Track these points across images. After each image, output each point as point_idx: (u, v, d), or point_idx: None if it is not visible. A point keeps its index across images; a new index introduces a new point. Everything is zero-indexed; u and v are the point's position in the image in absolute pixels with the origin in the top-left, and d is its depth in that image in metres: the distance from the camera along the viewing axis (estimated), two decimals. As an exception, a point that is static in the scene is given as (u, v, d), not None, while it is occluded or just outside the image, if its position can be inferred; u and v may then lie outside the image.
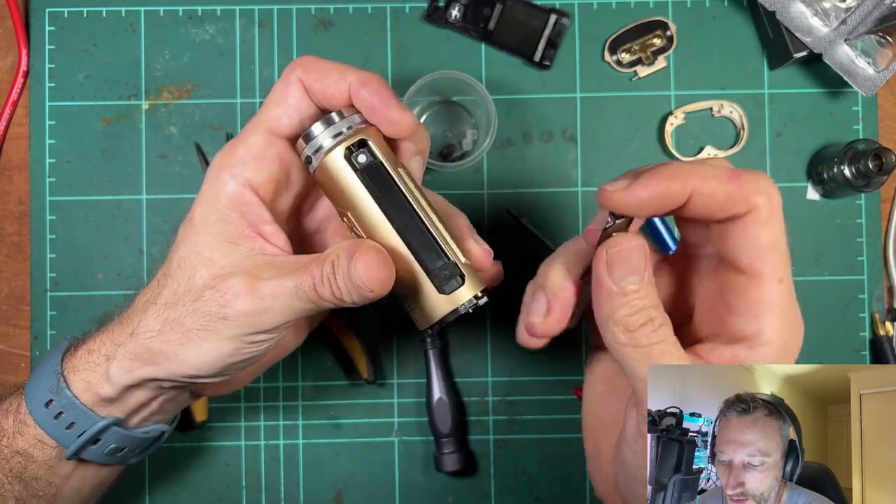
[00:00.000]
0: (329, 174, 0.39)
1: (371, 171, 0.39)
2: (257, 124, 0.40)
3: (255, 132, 0.40)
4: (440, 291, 0.39)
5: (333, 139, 0.39)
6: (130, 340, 0.40)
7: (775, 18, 0.59)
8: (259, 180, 0.40)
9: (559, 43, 0.62)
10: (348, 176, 0.39)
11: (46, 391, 0.42)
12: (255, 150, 0.40)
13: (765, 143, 0.62)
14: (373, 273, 0.37)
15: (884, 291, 0.62)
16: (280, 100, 0.40)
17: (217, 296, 0.38)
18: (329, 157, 0.39)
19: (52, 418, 0.42)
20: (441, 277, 0.39)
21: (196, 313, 0.39)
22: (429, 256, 0.39)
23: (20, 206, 0.62)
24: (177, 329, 0.39)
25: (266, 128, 0.40)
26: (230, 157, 0.40)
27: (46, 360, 0.43)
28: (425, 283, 0.39)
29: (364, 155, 0.39)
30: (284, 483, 0.61)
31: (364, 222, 0.39)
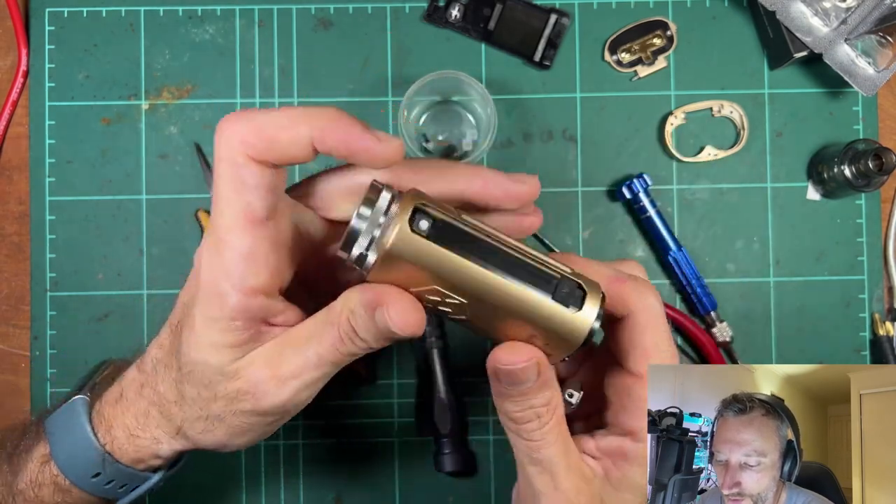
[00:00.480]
0: (397, 261, 0.33)
1: (441, 232, 0.34)
2: (231, 220, 0.35)
3: (234, 230, 0.35)
4: (571, 306, 0.35)
5: (386, 221, 0.33)
6: (178, 436, 0.41)
7: (775, 18, 0.59)
8: (261, 282, 0.35)
9: (559, 43, 0.62)
10: (423, 250, 0.33)
11: (90, 466, 0.42)
12: (245, 251, 0.35)
13: (765, 142, 0.62)
14: (410, 318, 0.34)
15: (884, 291, 0.62)
16: (238, 187, 0.34)
17: (247, 398, 0.37)
18: (393, 243, 0.33)
19: (102, 485, 0.42)
20: (564, 297, 0.35)
21: (233, 414, 0.38)
22: (543, 284, 0.34)
23: (20, 206, 0.62)
24: (220, 426, 0.39)
25: (242, 223, 0.35)
26: (220, 263, 0.35)
27: (72, 430, 0.42)
28: (553, 310, 0.35)
29: (424, 219, 0.33)
30: (284, 483, 0.61)
31: (462, 287, 0.34)
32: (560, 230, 0.62)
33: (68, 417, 0.42)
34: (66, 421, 0.42)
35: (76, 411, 0.42)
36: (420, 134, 0.62)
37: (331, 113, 0.34)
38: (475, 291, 0.34)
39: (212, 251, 0.35)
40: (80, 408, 0.42)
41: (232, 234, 0.35)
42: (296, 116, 0.34)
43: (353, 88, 0.62)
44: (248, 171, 0.34)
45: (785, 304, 0.62)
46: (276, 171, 0.35)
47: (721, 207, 0.62)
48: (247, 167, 0.34)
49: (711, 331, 0.61)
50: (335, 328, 0.36)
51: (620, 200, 0.62)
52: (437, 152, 0.62)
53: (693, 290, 0.60)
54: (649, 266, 0.62)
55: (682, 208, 0.62)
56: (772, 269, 0.62)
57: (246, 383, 0.37)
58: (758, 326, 0.62)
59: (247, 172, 0.34)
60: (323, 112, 0.34)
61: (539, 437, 0.37)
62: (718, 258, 0.62)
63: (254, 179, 0.34)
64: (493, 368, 0.35)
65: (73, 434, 0.42)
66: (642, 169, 0.62)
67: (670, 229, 0.61)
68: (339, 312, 0.36)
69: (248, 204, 0.34)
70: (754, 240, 0.62)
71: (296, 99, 0.62)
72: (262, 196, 0.35)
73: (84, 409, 0.42)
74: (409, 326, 0.34)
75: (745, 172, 0.62)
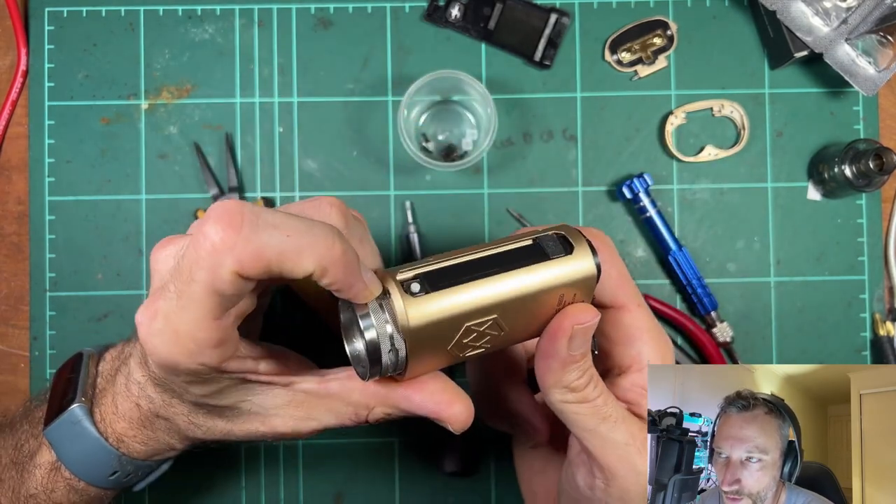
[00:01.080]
0: (423, 335, 0.34)
1: (432, 280, 0.34)
2: (193, 324, 0.33)
3: (198, 330, 0.33)
4: (565, 253, 0.36)
5: (390, 313, 0.34)
6: (189, 439, 0.42)
7: (776, 18, 0.58)
8: (215, 359, 0.35)
9: (559, 42, 0.62)
10: (436, 304, 0.34)
11: (106, 468, 0.42)
12: (205, 344, 0.33)
13: (765, 142, 0.62)
14: (464, 417, 0.37)
15: (884, 291, 0.62)
16: (211, 294, 0.32)
17: (266, 434, 0.41)
18: (412, 317, 0.33)
19: (120, 480, 0.44)
20: (556, 249, 0.36)
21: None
22: (534, 254, 0.36)
23: (19, 206, 0.62)
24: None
25: (206, 323, 0.33)
26: (177, 350, 0.34)
27: (80, 439, 0.42)
28: (560, 265, 0.36)
29: (412, 283, 0.34)
30: (284, 483, 0.61)
31: (485, 306, 0.35)
32: (560, 230, 0.62)
33: (72, 426, 0.42)
34: (71, 430, 0.42)
35: (79, 420, 0.42)
36: (420, 134, 0.62)
37: (335, 248, 0.32)
38: (497, 301, 0.34)
39: (166, 336, 0.33)
40: (82, 416, 0.42)
41: (194, 330, 0.33)
42: (300, 248, 0.31)
43: (352, 88, 0.62)
44: (231, 286, 0.32)
45: (785, 304, 0.62)
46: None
47: (721, 207, 0.62)
48: (231, 283, 0.31)
49: (712, 331, 0.61)
50: (356, 417, 0.39)
51: (620, 200, 0.61)
52: (438, 152, 0.62)
53: (693, 290, 0.60)
54: (650, 266, 0.62)
55: (683, 208, 0.62)
56: (772, 269, 0.62)
57: (267, 430, 0.40)
58: (758, 326, 0.62)
59: (229, 287, 0.32)
60: (327, 245, 0.32)
61: (597, 393, 0.38)
62: (719, 258, 0.62)
63: (233, 291, 0.32)
64: (571, 332, 0.36)
65: (83, 443, 0.42)
66: (642, 169, 0.62)
67: (671, 229, 0.61)
68: (363, 407, 0.39)
69: (217, 308, 0.33)
70: (755, 240, 0.62)
71: (295, 98, 0.62)
72: (235, 301, 0.33)
73: (87, 417, 0.42)
74: (466, 423, 0.37)
75: (745, 172, 0.62)
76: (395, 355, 0.34)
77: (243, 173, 0.62)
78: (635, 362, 0.40)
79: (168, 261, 0.35)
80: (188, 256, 0.31)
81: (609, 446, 0.38)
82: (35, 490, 0.43)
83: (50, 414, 0.43)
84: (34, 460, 0.43)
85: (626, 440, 0.38)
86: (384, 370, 0.34)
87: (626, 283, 0.40)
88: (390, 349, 0.34)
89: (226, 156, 0.61)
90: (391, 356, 0.34)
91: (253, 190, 0.61)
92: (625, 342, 0.40)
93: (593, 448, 0.38)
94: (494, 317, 0.35)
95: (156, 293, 0.34)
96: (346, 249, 0.32)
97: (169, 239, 0.37)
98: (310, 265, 0.32)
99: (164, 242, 0.37)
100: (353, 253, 0.33)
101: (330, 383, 0.39)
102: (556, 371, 0.37)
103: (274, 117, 0.62)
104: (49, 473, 0.43)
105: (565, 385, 0.37)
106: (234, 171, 0.61)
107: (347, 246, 0.33)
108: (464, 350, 0.36)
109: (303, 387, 0.39)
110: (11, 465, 0.44)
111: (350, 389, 0.38)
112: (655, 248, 0.62)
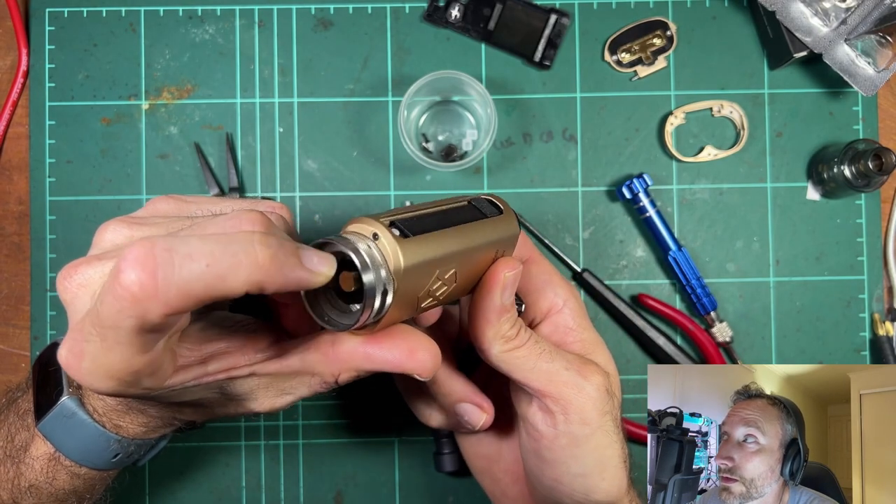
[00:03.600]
0: (407, 279, 0.34)
1: (411, 225, 0.35)
2: (123, 356, 0.31)
3: (132, 365, 0.31)
4: (497, 213, 0.40)
5: (382, 255, 0.33)
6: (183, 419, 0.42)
7: (775, 18, 0.59)
8: (156, 380, 0.34)
9: (559, 43, 0.62)
10: (421, 249, 0.34)
11: (108, 452, 0.42)
12: (134, 368, 0.32)
13: (765, 143, 0.62)
14: (430, 363, 0.37)
15: (884, 291, 0.62)
16: (136, 329, 0.30)
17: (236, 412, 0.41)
18: (405, 258, 0.33)
19: (124, 459, 0.43)
20: (491, 210, 0.40)
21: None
22: (477, 213, 0.39)
23: (20, 206, 0.62)
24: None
25: (139, 359, 0.31)
26: (105, 370, 0.32)
27: (77, 430, 0.42)
28: (495, 224, 0.39)
29: (395, 228, 0.34)
30: (284, 483, 0.61)
31: (451, 256, 0.36)
32: (560, 230, 0.62)
33: (67, 419, 0.42)
34: (66, 423, 0.42)
35: (74, 412, 0.42)
36: (420, 134, 0.62)
37: (260, 260, 0.30)
38: (461, 249, 0.36)
39: (98, 374, 0.31)
40: (76, 408, 0.42)
41: (125, 367, 0.31)
42: (224, 275, 0.29)
43: (352, 88, 0.62)
44: (163, 325, 0.30)
45: (785, 304, 0.62)
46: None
47: (721, 207, 0.62)
48: (162, 323, 0.30)
49: (711, 331, 0.61)
50: (329, 386, 0.39)
51: (620, 200, 0.62)
52: (438, 152, 0.62)
53: (693, 290, 0.60)
54: (649, 266, 0.62)
55: (682, 208, 0.62)
56: (772, 269, 0.62)
57: (243, 411, 0.40)
58: (758, 326, 0.62)
59: (160, 326, 0.30)
60: (250, 261, 0.30)
61: (527, 335, 0.41)
62: (718, 258, 0.62)
63: (166, 327, 0.31)
64: (502, 281, 0.39)
65: (81, 433, 0.42)
66: (642, 169, 0.62)
67: (670, 229, 0.61)
68: (331, 373, 0.38)
69: (147, 344, 0.31)
70: (754, 240, 0.62)
71: (295, 99, 0.62)
72: (168, 332, 0.32)
73: (80, 409, 0.42)
74: (433, 369, 0.37)
75: (745, 172, 0.62)
76: (383, 300, 0.33)
77: (244, 173, 0.62)
78: (553, 305, 0.44)
79: (82, 297, 0.33)
80: (109, 304, 0.29)
81: (553, 375, 0.41)
82: (36, 481, 0.43)
83: (40, 408, 0.43)
84: (29, 453, 0.43)
85: (565, 366, 0.41)
86: (370, 317, 0.34)
87: (527, 239, 0.46)
88: (383, 292, 0.33)
89: (226, 156, 0.61)
90: (379, 301, 0.33)
91: (253, 190, 0.62)
92: (538, 288, 0.45)
93: (541, 384, 0.41)
94: (455, 266, 0.36)
95: (77, 333, 0.31)
96: (272, 254, 0.30)
97: (73, 266, 0.34)
98: (241, 286, 0.30)
99: (68, 270, 0.34)
100: (284, 247, 0.31)
101: (290, 360, 0.38)
102: (494, 322, 0.39)
103: (274, 117, 0.62)
104: (48, 464, 0.43)
105: (502, 335, 0.40)
106: (235, 171, 0.61)
107: (274, 245, 0.30)
108: (426, 300, 0.36)
109: (264, 370, 0.38)
110: (6, 458, 0.44)
111: (311, 363, 0.38)
112: (655, 248, 0.62)
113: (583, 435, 0.40)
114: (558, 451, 0.41)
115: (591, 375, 0.41)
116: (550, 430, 0.41)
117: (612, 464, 0.41)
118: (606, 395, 0.41)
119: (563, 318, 0.44)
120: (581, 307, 0.45)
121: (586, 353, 0.44)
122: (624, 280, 0.62)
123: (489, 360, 0.41)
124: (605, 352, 0.44)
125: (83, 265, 0.34)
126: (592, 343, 0.44)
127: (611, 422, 0.41)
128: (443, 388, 0.45)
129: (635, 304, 0.62)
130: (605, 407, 0.41)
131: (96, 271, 0.34)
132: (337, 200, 0.62)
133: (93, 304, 0.31)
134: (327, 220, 0.62)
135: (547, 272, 0.45)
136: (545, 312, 0.45)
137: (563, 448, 0.41)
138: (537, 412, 0.42)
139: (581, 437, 0.40)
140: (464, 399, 0.45)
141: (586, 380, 0.41)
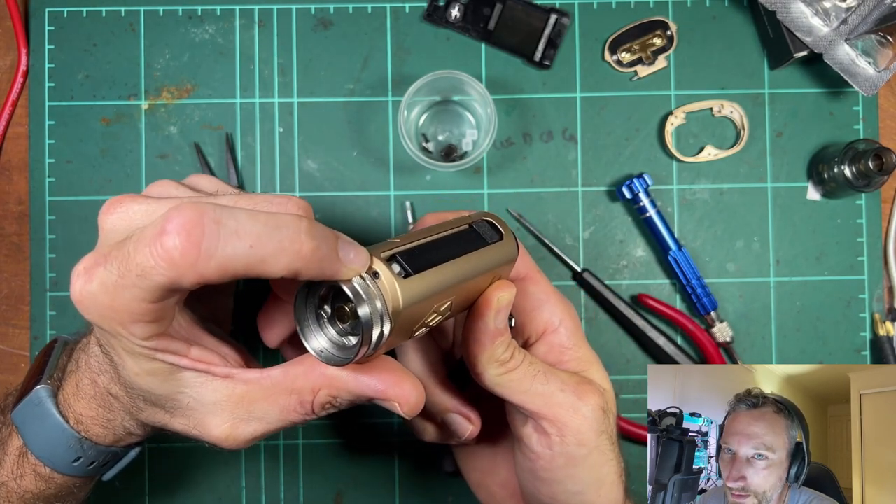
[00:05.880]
0: (404, 315, 0.34)
1: (409, 260, 0.34)
2: (134, 296, 0.31)
3: (135, 307, 0.31)
4: (497, 238, 0.39)
5: (380, 291, 0.33)
6: (145, 425, 0.41)
7: (776, 18, 0.58)
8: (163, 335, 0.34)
9: (559, 43, 0.62)
10: (419, 287, 0.34)
11: (69, 452, 0.42)
12: (148, 334, 0.33)
13: (765, 142, 0.62)
14: (414, 397, 0.37)
15: (884, 291, 0.62)
16: (163, 297, 0.31)
17: (200, 436, 0.39)
18: (403, 297, 0.33)
19: (85, 467, 0.43)
20: (491, 234, 0.39)
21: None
22: (478, 240, 0.39)
23: (20, 206, 0.62)
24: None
25: (145, 305, 0.31)
26: (120, 331, 0.33)
27: (43, 421, 0.41)
28: (495, 250, 0.39)
29: (394, 264, 0.34)
30: (284, 483, 0.61)
31: (449, 288, 0.36)
32: (560, 230, 0.62)
33: (35, 407, 0.42)
34: (34, 411, 0.42)
35: (42, 401, 0.41)
36: (420, 134, 0.62)
37: (304, 248, 0.30)
38: (459, 282, 0.36)
39: (98, 300, 0.32)
40: (45, 397, 0.41)
41: (128, 306, 0.31)
42: (265, 258, 0.29)
43: (352, 88, 0.62)
44: (189, 288, 0.30)
45: (785, 304, 0.62)
46: None
47: (721, 207, 0.62)
48: (190, 286, 0.30)
49: (711, 331, 0.61)
50: (304, 412, 0.37)
51: (620, 200, 0.62)
52: (438, 152, 0.62)
53: (693, 290, 0.60)
54: (649, 266, 0.62)
55: (683, 208, 0.62)
56: (772, 269, 0.62)
57: (201, 430, 0.38)
58: (758, 326, 0.62)
59: (187, 288, 0.30)
60: (295, 249, 0.30)
61: (521, 357, 0.40)
62: (719, 258, 0.62)
63: (190, 290, 0.31)
64: (497, 306, 0.38)
65: (45, 424, 0.42)
66: (642, 169, 0.62)
67: (670, 229, 0.61)
68: (311, 400, 0.37)
69: (161, 297, 0.31)
70: (754, 240, 0.62)
71: (295, 98, 0.62)
72: (186, 293, 0.31)
73: (50, 398, 0.41)
74: (416, 405, 0.37)
75: (745, 172, 0.62)
76: (380, 336, 0.33)
77: (243, 173, 0.62)
78: (549, 324, 0.44)
79: (117, 229, 0.34)
80: (144, 256, 0.29)
81: (549, 398, 0.40)
82: (6, 478, 0.43)
83: (18, 397, 0.43)
84: (5, 447, 0.43)
85: (560, 388, 0.40)
86: (368, 352, 0.34)
87: (526, 256, 0.44)
88: (380, 329, 0.33)
89: (226, 156, 0.61)
90: (377, 337, 0.33)
91: (253, 190, 0.62)
92: (535, 307, 0.44)
93: (536, 407, 0.40)
94: (453, 297, 0.37)
95: (100, 257, 0.32)
96: (316, 246, 0.31)
97: (119, 200, 0.34)
98: (279, 272, 0.30)
99: (114, 203, 0.34)
100: (327, 240, 0.31)
101: (272, 371, 0.37)
102: (487, 346, 0.39)
103: (274, 117, 0.62)
104: (18, 459, 0.43)
105: (496, 359, 0.39)
106: (235, 171, 0.61)
107: (319, 237, 0.31)
108: (420, 329, 0.37)
109: (243, 376, 0.37)
110: None
111: (294, 376, 0.37)
112: (655, 248, 0.62)
113: (579, 455, 0.40)
114: (555, 471, 0.41)
115: (588, 396, 0.41)
116: (546, 451, 0.41)
117: (609, 480, 0.41)
118: (602, 415, 0.41)
119: (559, 337, 0.44)
120: (577, 325, 0.45)
121: (581, 370, 0.43)
122: (624, 280, 0.62)
123: (484, 384, 0.40)
124: (600, 368, 0.44)
125: (129, 199, 0.35)
126: (588, 361, 0.44)
127: (607, 440, 0.41)
128: (432, 399, 0.45)
129: (635, 304, 0.62)
130: (601, 427, 0.41)
131: (141, 208, 0.34)
132: (337, 200, 0.62)
133: (126, 238, 0.31)
134: (327, 221, 0.62)
135: (544, 291, 0.44)
136: (541, 332, 0.44)
137: (559, 468, 0.41)
138: (533, 433, 0.41)
139: (578, 458, 0.40)
140: (451, 410, 0.45)
141: (582, 401, 0.40)
